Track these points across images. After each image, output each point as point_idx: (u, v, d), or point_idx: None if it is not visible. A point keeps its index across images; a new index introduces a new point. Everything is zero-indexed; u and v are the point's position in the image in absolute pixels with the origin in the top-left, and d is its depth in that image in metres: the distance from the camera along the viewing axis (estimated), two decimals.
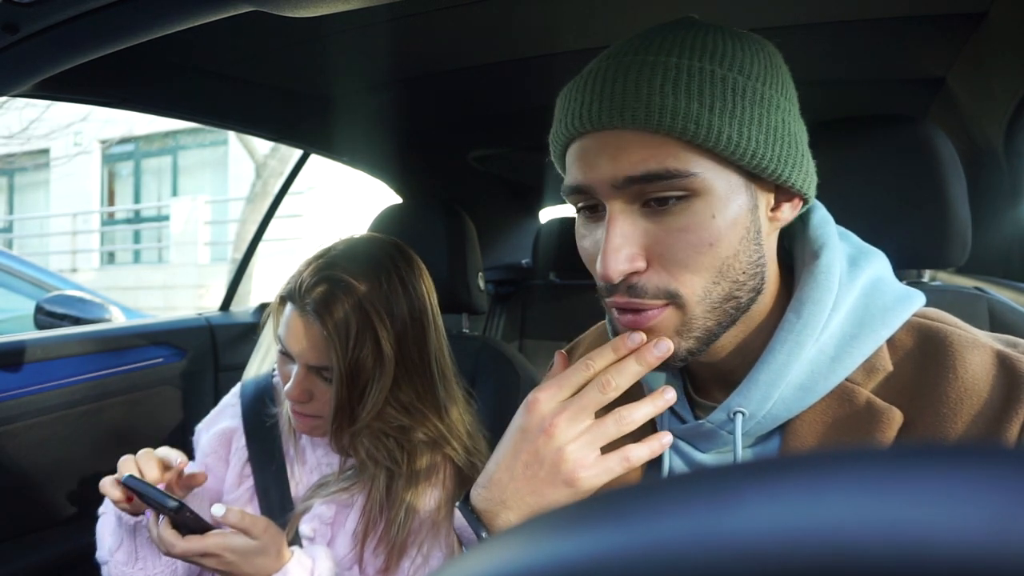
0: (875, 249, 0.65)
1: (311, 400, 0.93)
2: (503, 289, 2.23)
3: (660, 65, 0.53)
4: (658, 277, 0.55)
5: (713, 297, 0.55)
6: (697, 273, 0.55)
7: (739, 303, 0.57)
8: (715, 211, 0.54)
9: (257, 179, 6.94)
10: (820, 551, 0.14)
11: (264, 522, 0.86)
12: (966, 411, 0.53)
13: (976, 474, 0.15)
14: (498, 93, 1.47)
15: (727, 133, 0.52)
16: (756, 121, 0.53)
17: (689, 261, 0.54)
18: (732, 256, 0.55)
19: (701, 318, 0.56)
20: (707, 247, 0.54)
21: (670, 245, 0.54)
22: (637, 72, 0.53)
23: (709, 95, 0.52)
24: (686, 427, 0.65)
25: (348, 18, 0.98)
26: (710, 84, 0.52)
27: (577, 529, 0.17)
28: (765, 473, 0.17)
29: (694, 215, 0.54)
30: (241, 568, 0.84)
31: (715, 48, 0.54)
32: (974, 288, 0.94)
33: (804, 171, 0.57)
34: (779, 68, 0.58)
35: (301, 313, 0.90)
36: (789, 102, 0.57)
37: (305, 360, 0.91)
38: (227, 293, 1.96)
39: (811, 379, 0.58)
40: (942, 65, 1.20)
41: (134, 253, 11.43)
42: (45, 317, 1.93)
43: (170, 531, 0.83)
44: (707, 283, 0.55)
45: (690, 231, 0.54)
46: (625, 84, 0.53)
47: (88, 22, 0.74)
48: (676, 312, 0.56)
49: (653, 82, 0.52)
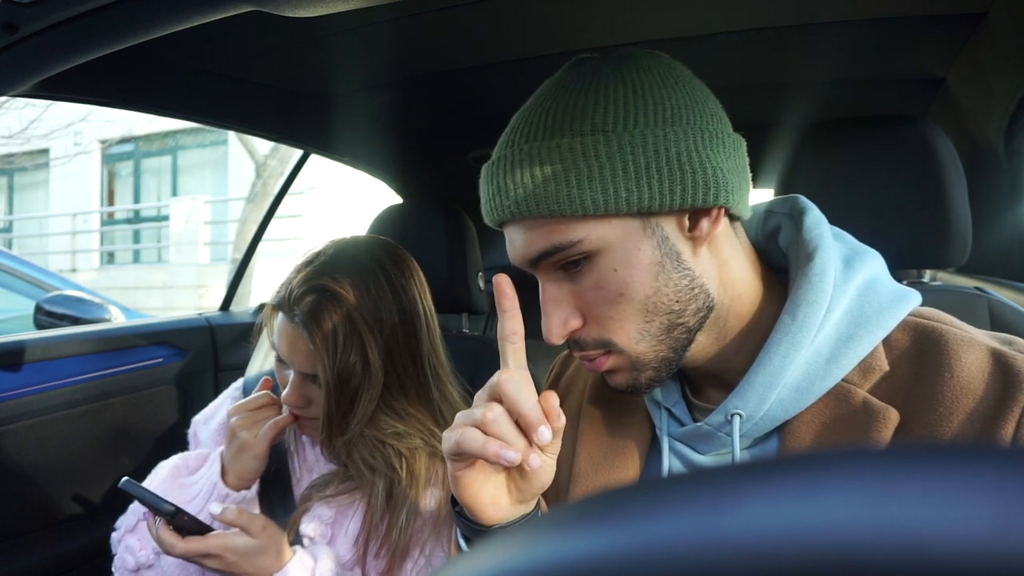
0: (870, 249, 0.65)
1: (309, 405, 0.94)
2: None
3: (525, 155, 0.58)
4: (594, 330, 0.60)
5: (653, 333, 0.59)
6: (622, 320, 0.58)
7: (687, 327, 0.60)
8: (615, 264, 0.57)
9: (257, 179, 6.94)
10: (820, 551, 0.14)
11: (262, 520, 0.86)
12: (962, 410, 0.53)
13: (974, 473, 0.15)
14: (498, 93, 1.47)
15: (590, 198, 0.55)
16: (620, 172, 0.55)
17: (610, 313, 0.58)
18: (652, 294, 0.58)
19: (649, 353, 0.60)
20: (619, 297, 0.58)
21: (590, 302, 0.59)
22: (511, 167, 0.58)
23: (563, 171, 0.56)
24: (684, 430, 0.65)
25: (348, 18, 0.98)
26: (560, 160, 0.56)
27: (575, 528, 0.17)
28: (762, 473, 0.17)
29: (598, 273, 0.58)
30: (242, 568, 0.84)
31: (566, 115, 0.57)
32: (974, 288, 0.93)
33: (703, 187, 0.56)
34: (648, 96, 0.57)
35: (290, 323, 0.91)
36: (666, 126, 0.56)
37: (297, 367, 0.92)
38: (227, 293, 1.96)
39: (807, 380, 0.58)
40: (942, 65, 1.20)
41: (134, 253, 11.43)
42: (45, 317, 1.93)
43: (169, 532, 0.83)
44: (638, 326, 0.58)
45: (600, 287, 0.58)
46: (507, 180, 0.58)
47: (88, 22, 0.74)
48: (621, 356, 0.60)
49: (523, 175, 0.57)
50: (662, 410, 0.67)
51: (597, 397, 0.74)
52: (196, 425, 1.14)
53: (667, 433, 0.67)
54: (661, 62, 0.60)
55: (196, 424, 1.14)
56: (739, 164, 0.60)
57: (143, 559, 0.95)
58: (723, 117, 0.61)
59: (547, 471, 0.59)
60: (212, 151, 10.78)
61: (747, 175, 0.62)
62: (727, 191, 0.57)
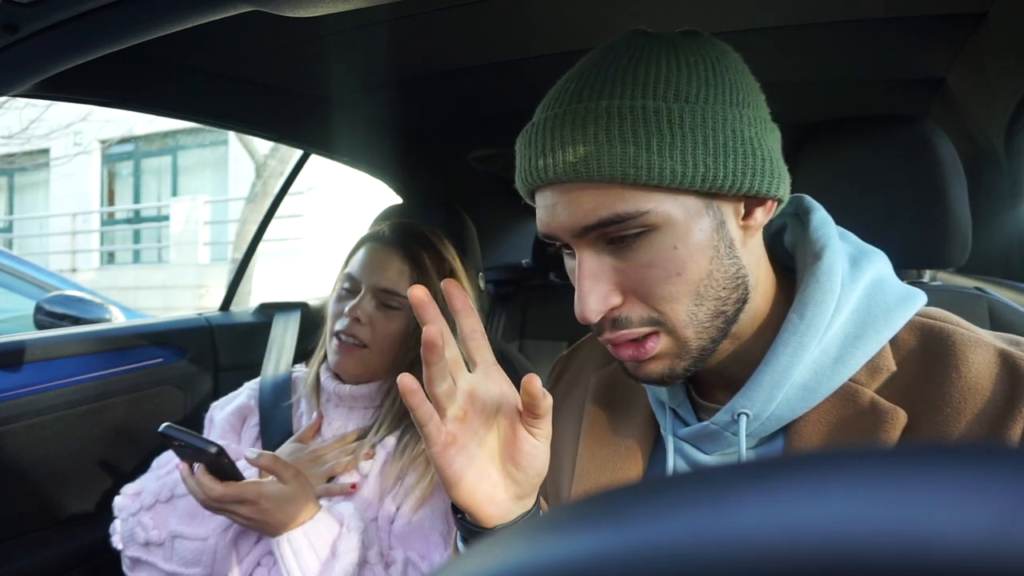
0: (876, 249, 0.65)
1: (367, 325, 1.00)
2: (503, 289, 2.23)
3: (591, 112, 0.54)
4: (639, 308, 0.56)
5: (700, 318, 0.57)
6: (675, 301, 0.56)
7: (727, 317, 0.58)
8: (676, 242, 0.55)
9: (257, 179, 6.94)
10: (822, 550, 0.14)
11: (294, 468, 0.89)
12: (969, 410, 0.53)
13: (980, 474, 0.15)
14: (498, 93, 1.47)
15: (669, 167, 0.52)
16: (700, 145, 0.53)
17: (662, 292, 0.55)
18: (706, 277, 0.56)
19: (695, 339, 0.57)
20: (675, 277, 0.55)
21: (640, 280, 0.56)
22: (571, 124, 0.54)
23: (644, 134, 0.52)
24: (690, 429, 0.65)
25: (348, 18, 0.98)
26: (643, 122, 0.53)
27: (574, 528, 0.17)
28: (767, 472, 0.17)
29: (656, 249, 0.55)
30: (275, 516, 0.85)
31: (647, 78, 0.54)
32: (974, 288, 0.93)
33: (768, 175, 0.56)
34: (725, 76, 0.56)
35: (383, 245, 1.03)
36: (740, 108, 0.56)
37: (376, 283, 1.00)
38: (227, 293, 1.96)
39: (814, 380, 0.58)
40: (942, 65, 1.20)
41: (134, 253, 11.43)
42: (45, 317, 1.92)
43: (209, 476, 0.85)
44: (688, 307, 0.56)
45: (655, 265, 0.55)
46: (563, 139, 0.54)
47: (88, 22, 0.74)
48: (669, 338, 0.57)
49: (587, 133, 0.53)
50: (667, 410, 0.67)
51: (600, 397, 0.74)
52: (213, 410, 1.18)
53: (672, 433, 0.66)
54: (728, 47, 0.60)
55: (214, 409, 1.18)
56: (780, 156, 0.60)
57: (155, 538, 0.96)
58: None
59: (541, 456, 0.58)
60: (212, 151, 10.78)
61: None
62: (783, 184, 0.58)
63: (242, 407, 1.12)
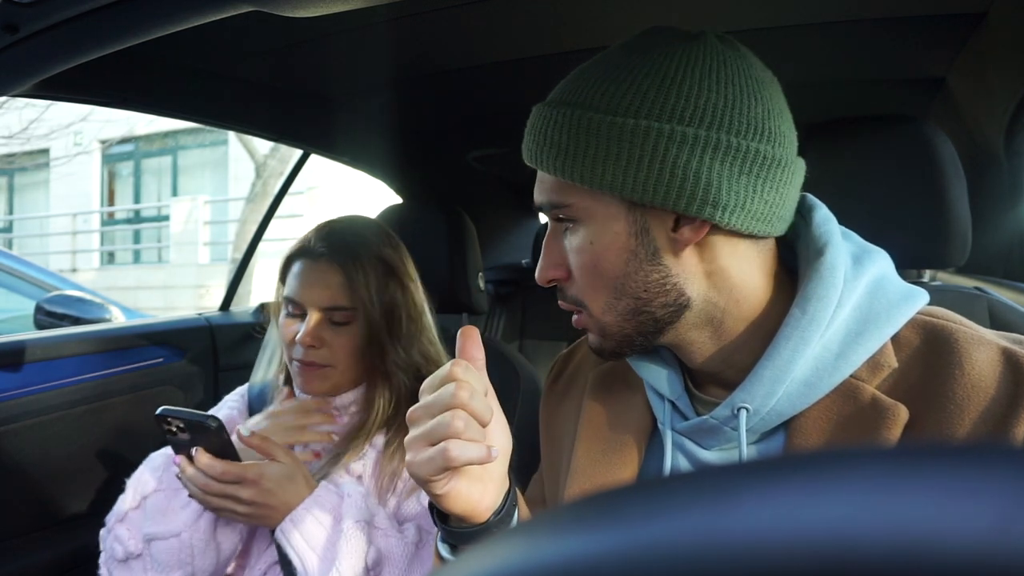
0: (878, 248, 0.65)
1: (323, 347, 0.97)
2: (503, 289, 2.23)
3: (552, 115, 0.60)
4: (574, 288, 0.64)
5: (619, 310, 0.62)
6: (596, 290, 0.62)
7: (654, 316, 0.61)
8: (593, 237, 0.60)
9: (257, 179, 6.94)
10: (823, 550, 0.14)
11: (284, 447, 0.89)
12: (972, 408, 0.53)
13: (980, 474, 0.15)
14: (498, 93, 1.47)
15: (579, 171, 0.58)
16: (614, 156, 0.57)
17: (585, 279, 0.62)
18: (622, 276, 0.60)
19: (615, 326, 0.63)
20: (592, 268, 0.61)
21: (571, 263, 0.63)
22: (541, 120, 0.61)
23: (567, 139, 0.58)
24: (689, 423, 0.65)
25: (348, 18, 0.98)
26: (568, 127, 0.59)
27: (573, 528, 0.17)
28: (768, 472, 0.17)
29: (578, 240, 0.62)
30: (277, 496, 0.85)
31: (597, 86, 0.59)
32: (974, 288, 0.93)
33: (692, 196, 0.56)
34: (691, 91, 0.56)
35: (314, 260, 0.98)
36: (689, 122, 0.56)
37: (319, 303, 0.97)
38: (227, 293, 1.96)
39: (816, 375, 0.58)
40: (942, 65, 1.20)
41: (134, 253, 11.43)
42: (45, 317, 1.93)
43: (208, 456, 0.85)
44: (607, 298, 0.62)
45: (578, 253, 0.62)
46: (533, 127, 0.62)
47: (88, 22, 0.74)
48: (591, 318, 0.64)
49: (545, 130, 0.60)
50: (665, 403, 0.67)
51: (598, 393, 0.74)
52: None
53: (670, 427, 0.66)
54: (728, 53, 0.59)
55: None
56: (762, 187, 0.57)
57: (132, 548, 0.94)
58: (774, 135, 0.58)
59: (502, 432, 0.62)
60: (212, 151, 10.78)
61: (777, 199, 0.59)
62: (719, 208, 0.56)
63: (227, 420, 1.09)
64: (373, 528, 0.88)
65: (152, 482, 0.98)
